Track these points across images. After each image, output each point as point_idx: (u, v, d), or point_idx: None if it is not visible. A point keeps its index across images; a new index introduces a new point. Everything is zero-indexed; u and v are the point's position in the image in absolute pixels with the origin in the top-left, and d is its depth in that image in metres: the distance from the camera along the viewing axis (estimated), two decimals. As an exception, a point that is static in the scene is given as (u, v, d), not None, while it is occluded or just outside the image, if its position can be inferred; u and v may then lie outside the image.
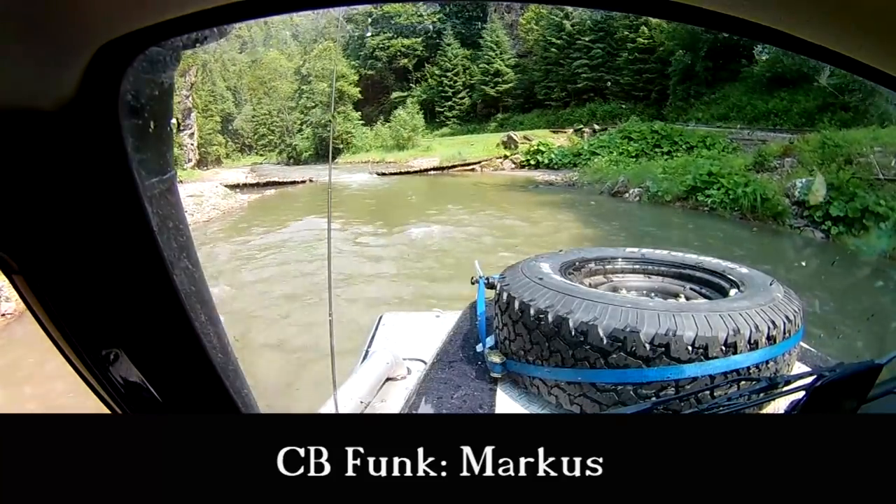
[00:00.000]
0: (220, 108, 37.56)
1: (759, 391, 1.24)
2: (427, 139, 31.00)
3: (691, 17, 0.51)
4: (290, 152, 36.26)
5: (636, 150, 20.86)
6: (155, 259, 0.59)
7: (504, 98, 32.59)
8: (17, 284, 0.57)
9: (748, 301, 1.65)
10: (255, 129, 38.98)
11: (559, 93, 29.79)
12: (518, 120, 30.77)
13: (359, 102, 34.82)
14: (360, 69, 35.82)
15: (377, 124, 33.73)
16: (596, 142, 22.86)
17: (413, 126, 30.89)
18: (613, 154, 21.00)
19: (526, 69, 31.81)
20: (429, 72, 35.28)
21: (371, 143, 33.02)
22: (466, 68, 34.07)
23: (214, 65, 38.30)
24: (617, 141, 21.84)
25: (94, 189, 0.53)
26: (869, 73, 0.56)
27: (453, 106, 34.36)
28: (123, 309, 0.63)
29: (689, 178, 13.68)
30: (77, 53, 0.45)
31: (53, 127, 0.48)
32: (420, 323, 2.84)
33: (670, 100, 25.02)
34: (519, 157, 24.65)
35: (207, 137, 33.73)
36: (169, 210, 0.62)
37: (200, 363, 0.71)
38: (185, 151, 28.07)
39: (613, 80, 27.21)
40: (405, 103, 33.36)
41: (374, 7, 32.98)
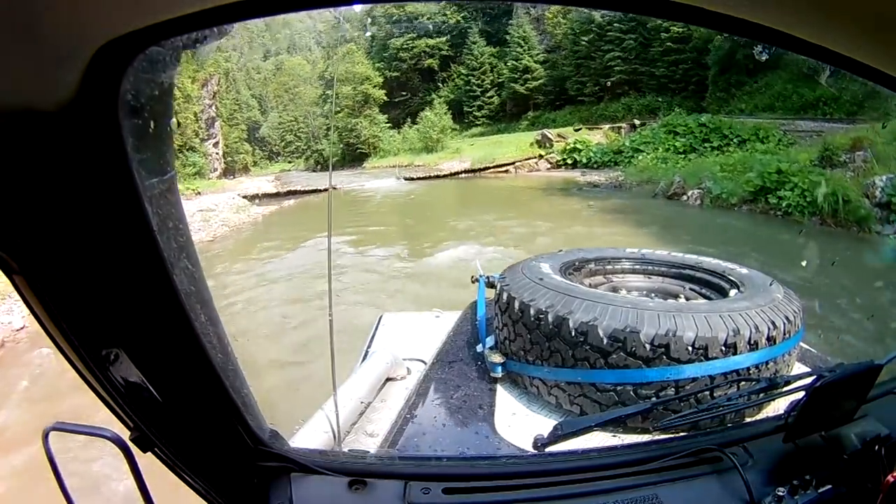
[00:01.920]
0: (246, 116, 37.53)
1: (759, 391, 1.24)
2: (456, 140, 30.28)
3: (691, 17, 0.51)
4: (317, 158, 35.97)
5: (683, 145, 19.29)
6: (155, 259, 0.59)
7: (534, 95, 31.31)
8: (17, 284, 0.57)
9: (748, 302, 1.65)
10: (281, 136, 38.92)
11: (592, 87, 28.26)
12: (550, 117, 29.53)
13: (384, 105, 34.20)
14: (384, 71, 35.23)
15: (404, 127, 33.12)
16: (638, 138, 21.37)
17: (441, 127, 30.31)
18: (659, 151, 19.45)
19: (556, 64, 30.51)
20: (455, 71, 34.56)
21: (399, 147, 32.38)
22: (494, 66, 33.05)
23: (238, 73, 38.34)
24: (661, 136, 20.32)
25: (94, 189, 0.53)
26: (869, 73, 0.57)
27: (482, 105, 33.28)
28: (123, 309, 0.63)
29: (753, 177, 11.80)
30: (77, 53, 0.45)
31: (53, 127, 0.48)
32: (420, 323, 2.84)
33: (710, 91, 23.33)
34: (554, 156, 23.29)
35: (233, 146, 33.55)
36: (169, 210, 0.62)
37: (200, 363, 0.71)
38: (210, 161, 27.73)
39: (648, 72, 25.75)
40: (432, 104, 32.85)
41: (397, 7, 32.68)
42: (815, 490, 0.93)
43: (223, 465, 0.85)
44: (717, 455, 1.01)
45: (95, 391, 0.68)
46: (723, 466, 1.00)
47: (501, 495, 0.95)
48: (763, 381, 1.27)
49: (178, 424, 0.75)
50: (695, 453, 1.02)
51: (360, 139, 32.96)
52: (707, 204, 12.83)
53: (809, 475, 0.95)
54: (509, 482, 0.97)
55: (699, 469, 1.01)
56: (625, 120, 24.62)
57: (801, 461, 1.01)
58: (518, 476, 0.99)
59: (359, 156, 33.10)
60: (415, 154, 30.05)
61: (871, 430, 1.04)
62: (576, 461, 1.07)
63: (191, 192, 21.51)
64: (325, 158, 35.35)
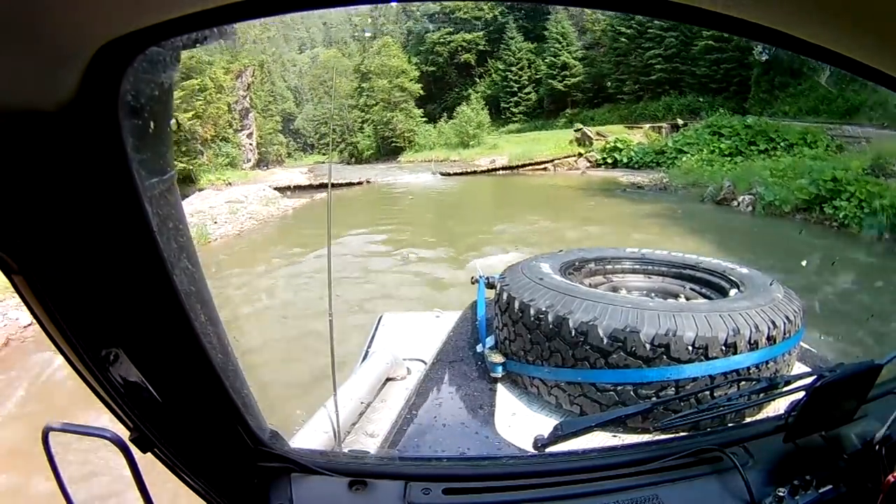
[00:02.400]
0: (281, 107, 37.32)
1: (759, 391, 1.24)
2: (493, 136, 29.23)
3: (691, 17, 0.51)
4: (351, 151, 35.48)
5: (729, 147, 18.37)
6: (155, 259, 0.59)
7: (572, 92, 30.35)
8: (16, 284, 0.57)
9: (748, 301, 1.65)
10: (316, 129, 38.77)
11: (631, 86, 27.30)
12: (588, 115, 28.31)
13: (420, 99, 33.55)
14: (420, 65, 34.62)
15: (440, 121, 32.34)
16: (681, 138, 20.54)
17: (478, 123, 29.38)
18: (704, 152, 18.63)
19: (594, 61, 29.60)
20: (492, 66, 33.78)
21: (434, 141, 31.57)
22: (531, 62, 32.22)
23: (273, 65, 38.22)
24: (706, 137, 19.47)
25: (94, 189, 0.53)
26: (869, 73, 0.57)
27: (519, 101, 32.39)
28: (123, 309, 0.63)
29: (806, 184, 11.03)
30: (77, 53, 0.45)
31: (53, 127, 0.48)
32: (420, 323, 2.84)
33: (753, 92, 22.20)
34: (594, 155, 22.24)
35: (267, 137, 33.20)
36: (169, 210, 0.62)
37: (200, 363, 0.71)
38: (244, 151, 27.57)
39: (689, 71, 24.78)
40: (469, 99, 31.93)
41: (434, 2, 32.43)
42: (815, 490, 0.93)
43: (223, 466, 0.85)
44: (718, 455, 1.01)
45: (95, 391, 0.68)
46: (723, 466, 1.00)
47: (502, 496, 0.95)
48: (763, 380, 1.27)
49: (178, 425, 0.75)
50: (695, 453, 1.02)
51: (395, 133, 32.36)
52: (759, 211, 11.93)
53: (810, 475, 0.95)
54: (510, 482, 0.97)
55: (699, 469, 1.01)
56: (665, 119, 23.83)
57: (801, 461, 1.01)
58: (518, 476, 0.99)
59: (393, 149, 32.53)
60: (450, 149, 29.32)
61: (872, 430, 1.04)
62: (576, 461, 1.07)
63: (221, 182, 21.25)
64: (360, 151, 34.73)
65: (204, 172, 21.74)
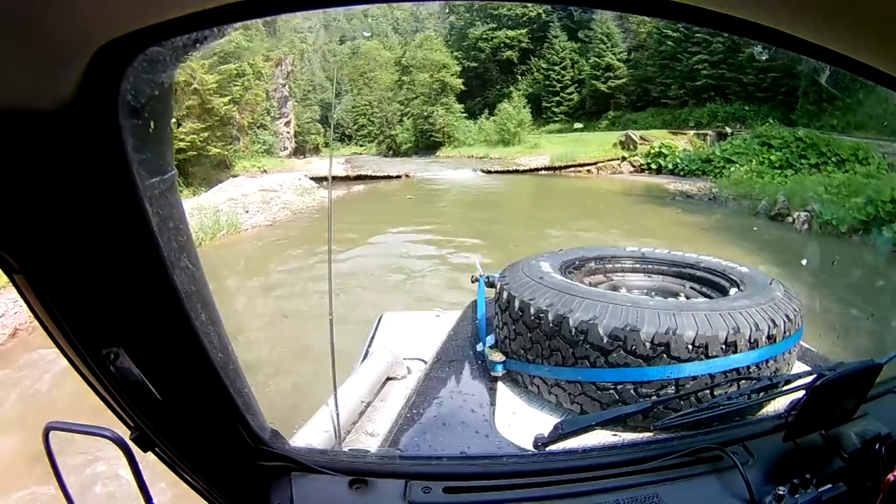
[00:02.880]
0: (320, 97, 37.02)
1: (759, 390, 1.24)
2: (534, 135, 28.73)
3: (691, 17, 0.51)
4: (389, 143, 35.32)
5: (779, 160, 17.70)
6: (155, 259, 0.59)
7: (616, 94, 29.77)
8: (17, 284, 0.57)
9: (748, 300, 1.65)
10: (354, 120, 38.36)
11: (676, 90, 26.48)
12: (631, 118, 27.86)
13: (461, 95, 33.24)
14: (462, 61, 34.28)
15: (481, 118, 32.11)
16: (729, 147, 19.93)
17: (519, 121, 28.80)
18: (753, 163, 17.88)
19: (639, 64, 28.87)
20: (535, 65, 33.25)
21: (474, 138, 31.31)
22: (575, 62, 31.64)
23: (314, 55, 38.17)
24: (755, 148, 18.77)
25: (94, 189, 0.54)
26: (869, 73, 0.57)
27: (561, 101, 31.89)
28: (124, 309, 0.63)
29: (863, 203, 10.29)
30: (77, 53, 0.45)
31: (53, 127, 0.48)
32: (420, 322, 2.84)
33: (800, 103, 21.26)
34: (638, 159, 21.74)
35: (305, 126, 33.22)
36: (169, 210, 0.62)
37: (200, 363, 0.71)
38: (281, 140, 27.46)
39: (735, 78, 23.91)
40: (510, 97, 31.15)
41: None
42: (815, 489, 0.93)
43: (223, 465, 0.85)
44: (718, 454, 1.01)
45: (95, 391, 0.68)
46: (723, 465, 1.00)
47: (502, 494, 0.95)
48: (763, 379, 1.27)
49: (179, 424, 0.75)
50: (695, 452, 1.02)
51: (435, 127, 32.13)
52: (816, 230, 11.13)
53: (810, 474, 0.95)
54: (510, 481, 0.98)
55: (699, 468, 1.01)
56: (710, 126, 23.17)
57: (801, 460, 1.02)
58: (518, 475, 0.99)
59: (432, 144, 32.26)
60: (490, 146, 28.88)
61: (872, 430, 1.05)
62: (576, 460, 1.07)
63: (256, 169, 21.13)
64: (398, 145, 34.45)
65: (239, 159, 21.57)
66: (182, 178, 17.45)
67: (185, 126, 18.05)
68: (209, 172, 18.68)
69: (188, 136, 17.87)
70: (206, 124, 18.74)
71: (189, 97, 18.22)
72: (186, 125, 18.09)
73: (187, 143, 17.80)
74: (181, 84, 17.95)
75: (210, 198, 14.36)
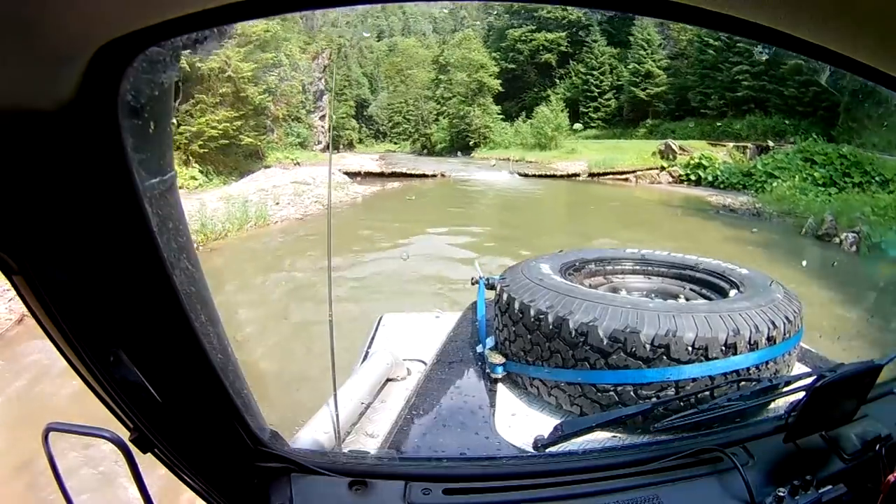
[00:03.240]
0: (355, 93, 37.17)
1: (760, 392, 1.24)
2: (570, 140, 28.34)
3: (691, 17, 0.51)
4: (424, 142, 35.05)
5: (823, 177, 17.16)
6: (155, 259, 0.59)
7: (654, 102, 29.21)
8: (16, 284, 0.57)
9: (748, 302, 1.64)
10: (389, 117, 38.28)
11: (716, 101, 25.89)
12: (669, 127, 27.33)
13: (498, 96, 32.92)
14: (500, 62, 33.91)
15: (517, 120, 30.88)
16: (771, 161, 19.37)
17: (556, 125, 28.29)
18: (796, 179, 17.41)
19: (678, 72, 28.24)
20: (573, 69, 32.90)
21: (510, 140, 30.79)
22: (614, 68, 31.30)
23: (350, 50, 38.20)
24: (798, 163, 18.25)
25: (94, 189, 0.53)
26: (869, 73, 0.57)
27: (598, 107, 31.50)
28: (123, 309, 0.63)
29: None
30: (77, 53, 0.45)
31: (53, 127, 0.48)
32: (420, 323, 2.84)
33: (842, 119, 20.60)
34: (677, 170, 21.23)
35: (340, 121, 33.23)
36: (169, 210, 0.62)
37: (200, 363, 0.71)
38: (315, 133, 27.25)
39: (776, 90, 23.36)
40: (548, 100, 30.81)
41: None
42: (815, 490, 0.93)
43: (223, 466, 0.85)
44: (718, 455, 1.01)
45: (95, 391, 0.68)
46: (723, 467, 1.00)
47: (502, 496, 0.95)
48: (763, 381, 1.27)
49: (178, 425, 0.75)
50: (695, 454, 1.02)
51: (471, 128, 31.83)
52: (864, 252, 10.67)
53: (810, 475, 0.95)
54: (510, 483, 0.97)
55: (700, 469, 1.01)
56: (749, 139, 22.50)
57: (801, 461, 1.02)
58: (518, 476, 0.99)
59: (467, 144, 31.98)
60: (526, 149, 28.42)
61: (872, 430, 1.05)
62: (576, 461, 1.07)
63: (289, 161, 20.99)
64: (433, 143, 34.07)
65: (272, 150, 21.42)
66: (213, 167, 17.35)
67: (218, 114, 17.83)
68: (241, 162, 18.54)
69: (221, 124, 17.66)
70: (239, 113, 18.49)
71: (223, 84, 18.03)
72: (219, 113, 17.87)
73: (220, 131, 17.62)
74: (215, 70, 17.77)
75: (240, 187, 14.11)
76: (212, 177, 16.80)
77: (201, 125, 17.29)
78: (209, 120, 17.49)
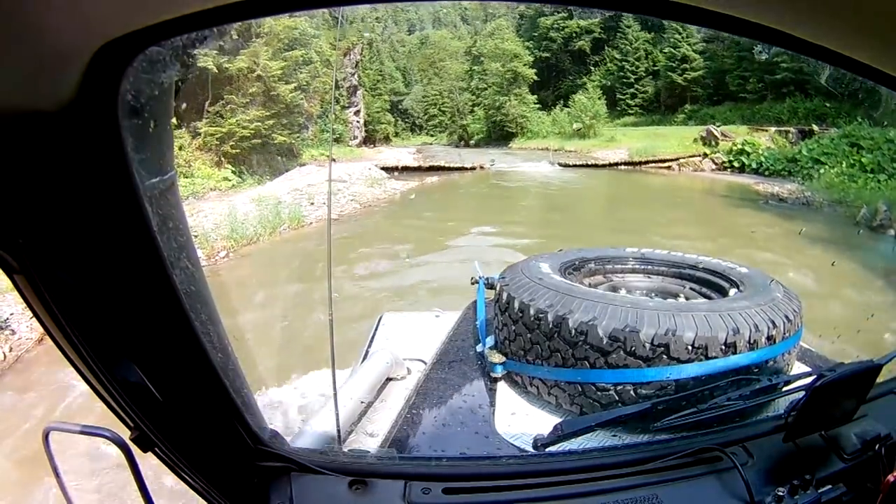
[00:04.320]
0: (389, 87, 37.24)
1: (759, 391, 1.24)
2: (609, 128, 28.18)
3: (691, 17, 0.51)
4: (460, 134, 34.98)
5: (870, 163, 16.30)
6: (155, 259, 0.59)
7: (692, 87, 28.61)
8: (17, 284, 0.57)
9: (748, 301, 1.64)
10: (425, 110, 38.32)
11: (755, 84, 25.19)
12: (708, 113, 26.47)
13: (534, 85, 32.60)
14: (533, 51, 33.64)
15: (555, 109, 31.28)
16: (816, 147, 18.62)
17: (594, 113, 28.12)
18: (843, 165, 16.76)
19: (715, 56, 27.42)
20: (608, 55, 32.63)
21: (548, 129, 30.60)
22: (649, 53, 30.93)
23: (382, 45, 38.09)
24: (844, 148, 17.53)
25: (94, 189, 0.54)
26: (869, 73, 0.57)
27: (635, 94, 31.27)
28: (124, 309, 0.63)
29: None
30: (77, 53, 0.45)
31: (53, 127, 0.48)
32: (420, 323, 2.84)
33: (884, 101, 18.82)
34: (720, 156, 20.59)
35: (375, 116, 33.36)
36: (169, 210, 0.62)
37: (200, 363, 0.71)
38: (351, 129, 27.49)
39: (816, 72, 21.89)
40: (584, 88, 30.67)
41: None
42: (815, 490, 0.93)
43: (223, 465, 0.85)
44: (717, 455, 1.01)
45: (96, 391, 0.68)
46: (723, 466, 1.00)
47: (502, 495, 0.95)
48: (763, 380, 1.27)
49: (179, 424, 0.75)
50: (695, 453, 1.02)
51: (508, 118, 31.63)
52: None
53: (809, 475, 0.95)
54: (509, 482, 0.97)
55: (699, 469, 1.01)
56: (790, 123, 21.74)
57: (801, 461, 1.02)
58: (518, 476, 0.99)
59: (505, 135, 31.73)
60: (564, 138, 28.18)
61: (871, 430, 1.05)
62: (576, 461, 1.07)
63: (324, 158, 20.53)
64: (470, 135, 33.89)
65: (307, 147, 21.22)
66: (246, 167, 17.07)
67: (249, 113, 17.66)
68: (274, 161, 18.34)
69: (252, 124, 17.46)
70: (270, 111, 18.30)
71: (253, 83, 17.88)
72: (250, 112, 17.69)
73: (251, 131, 17.43)
74: (244, 70, 17.60)
75: (274, 187, 13.71)
76: (245, 177, 16.58)
77: (232, 126, 17.13)
78: (240, 120, 17.35)
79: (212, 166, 16.38)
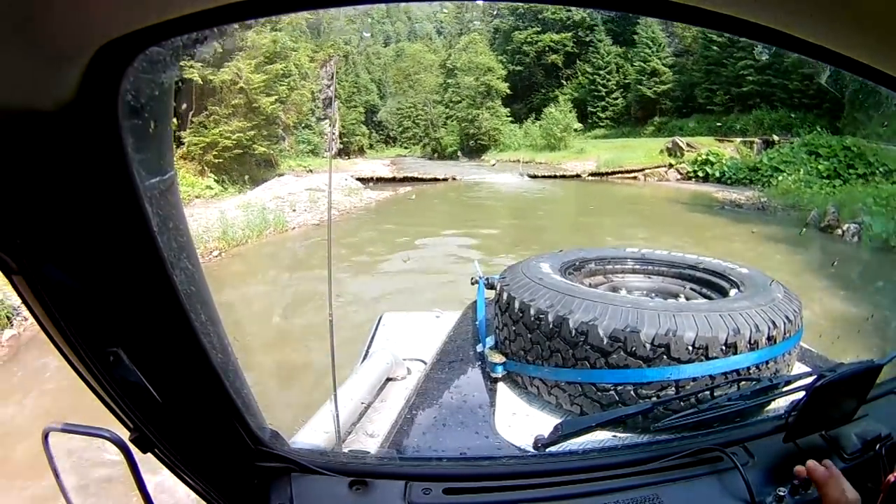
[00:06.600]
0: (364, 99, 37.49)
1: (759, 391, 1.24)
2: (579, 140, 28.63)
3: (691, 17, 0.51)
4: (434, 146, 35.15)
5: (827, 169, 17.30)
6: (155, 259, 0.59)
7: (661, 100, 29.45)
8: (16, 285, 0.57)
9: (748, 301, 1.64)
10: (399, 122, 38.36)
11: (722, 97, 26.02)
12: (677, 125, 27.30)
13: (507, 98, 33.05)
14: (507, 64, 34.20)
15: (526, 122, 31.80)
16: (776, 156, 19.52)
17: (565, 126, 28.60)
18: (801, 172, 17.54)
19: (684, 69, 28.51)
20: (580, 69, 33.08)
21: (519, 142, 31.13)
22: (620, 67, 31.38)
23: (358, 57, 38.31)
24: (802, 156, 18.39)
25: (94, 189, 0.53)
26: (869, 73, 0.57)
27: (606, 106, 31.79)
28: (123, 309, 0.63)
29: None
30: (77, 53, 0.45)
31: (53, 127, 0.48)
32: (420, 323, 2.84)
33: (846, 111, 20.62)
34: (685, 167, 21.40)
35: (350, 128, 33.62)
36: (169, 210, 0.62)
37: (200, 363, 0.71)
38: (326, 140, 27.49)
39: (781, 84, 23.45)
40: (556, 101, 31.18)
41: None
42: (815, 490, 0.93)
43: (223, 466, 0.85)
44: (718, 455, 1.01)
45: (95, 391, 0.68)
46: (723, 466, 1.00)
47: (502, 495, 0.95)
48: (763, 380, 1.27)
49: (178, 425, 0.75)
50: (695, 453, 1.02)
51: (481, 131, 32.11)
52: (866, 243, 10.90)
53: None
54: (510, 482, 0.97)
55: (700, 469, 1.01)
56: (756, 134, 22.48)
57: (801, 461, 1.02)
58: (519, 476, 0.99)
59: (478, 147, 32.23)
60: (536, 151, 28.72)
61: (872, 430, 1.05)
62: (576, 461, 1.07)
63: (301, 168, 21.33)
64: (443, 147, 34.21)
65: (284, 158, 21.79)
66: (227, 176, 17.64)
67: (232, 124, 18.15)
68: (255, 171, 18.83)
69: (234, 135, 17.95)
70: (252, 123, 18.78)
71: (235, 95, 18.34)
72: (233, 123, 18.18)
73: (233, 141, 17.91)
74: (227, 83, 18.12)
75: (256, 195, 14.46)
76: (227, 186, 17.05)
77: (215, 136, 17.59)
78: (223, 131, 17.80)
79: (195, 175, 16.82)
